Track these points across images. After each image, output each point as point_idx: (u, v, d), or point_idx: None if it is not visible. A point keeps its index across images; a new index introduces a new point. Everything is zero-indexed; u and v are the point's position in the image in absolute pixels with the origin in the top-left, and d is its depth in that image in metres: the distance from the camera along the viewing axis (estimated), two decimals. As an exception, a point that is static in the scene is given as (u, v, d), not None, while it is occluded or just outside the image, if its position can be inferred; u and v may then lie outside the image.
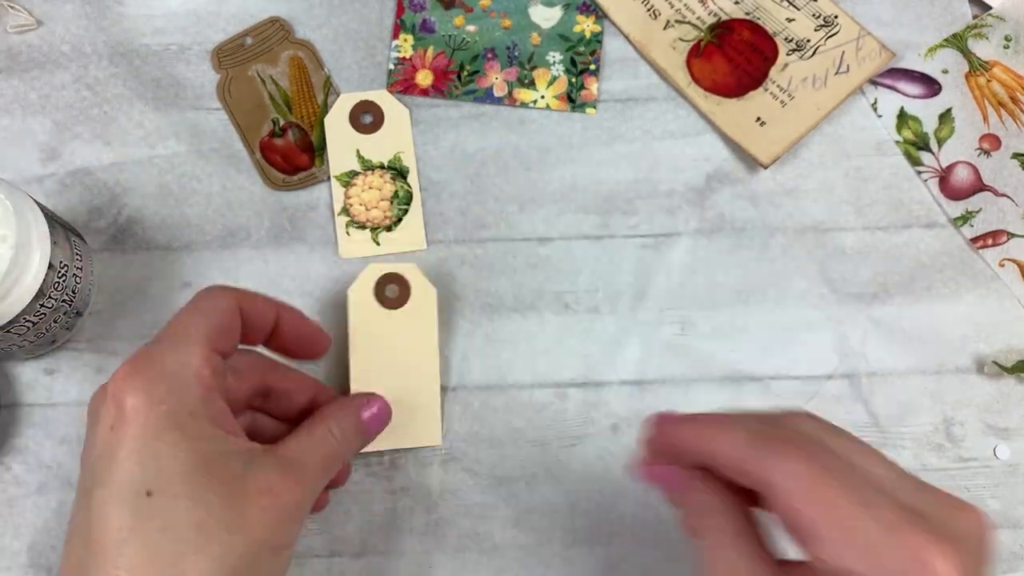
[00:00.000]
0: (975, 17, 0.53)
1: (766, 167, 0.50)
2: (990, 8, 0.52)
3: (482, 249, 0.49)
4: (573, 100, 0.51)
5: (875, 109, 0.49)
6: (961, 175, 0.50)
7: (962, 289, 0.49)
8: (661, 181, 0.50)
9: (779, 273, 0.49)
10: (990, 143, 0.50)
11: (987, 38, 0.50)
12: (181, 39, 0.51)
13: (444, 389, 0.47)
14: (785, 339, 0.48)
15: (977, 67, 0.51)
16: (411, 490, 0.46)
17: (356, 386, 0.44)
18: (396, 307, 0.45)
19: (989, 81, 0.51)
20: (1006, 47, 0.50)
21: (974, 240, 0.49)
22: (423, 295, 0.45)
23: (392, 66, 0.51)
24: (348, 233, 0.48)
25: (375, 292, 0.45)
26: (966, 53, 0.50)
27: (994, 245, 0.49)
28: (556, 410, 0.47)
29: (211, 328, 0.33)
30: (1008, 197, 0.49)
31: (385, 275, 0.45)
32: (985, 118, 0.50)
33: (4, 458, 0.45)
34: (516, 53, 0.51)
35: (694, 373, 0.48)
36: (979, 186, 0.50)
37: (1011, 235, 0.49)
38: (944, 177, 0.50)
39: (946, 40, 0.51)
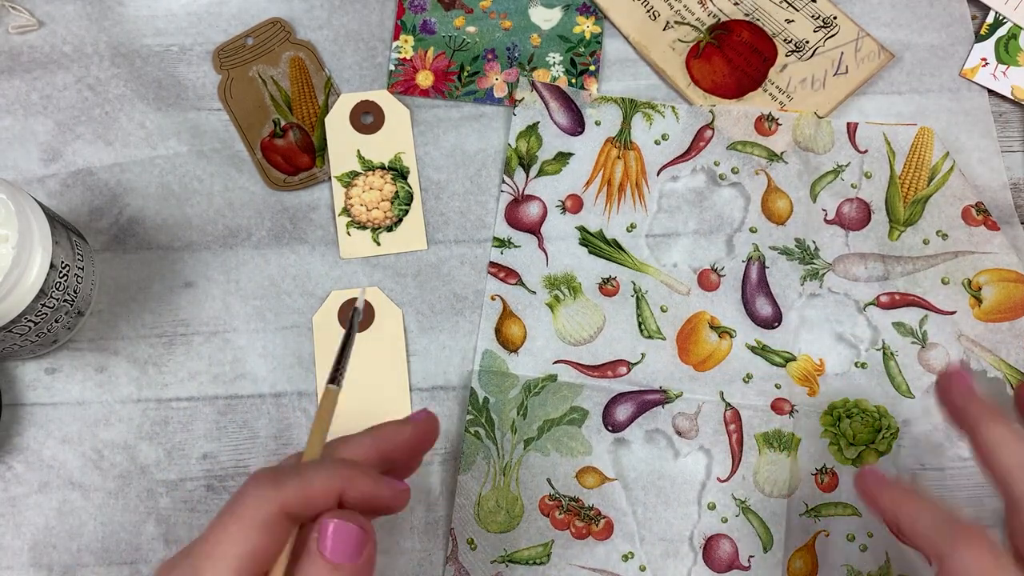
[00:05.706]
0: (974, 18, 0.53)
1: (765, 167, 0.50)
2: (988, 8, 0.52)
3: (482, 249, 0.49)
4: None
5: None
6: None
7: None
8: (661, 181, 0.50)
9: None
10: None
11: None
12: (182, 40, 0.51)
13: (445, 389, 0.47)
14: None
15: None
16: (411, 490, 0.46)
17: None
18: (361, 330, 0.47)
19: None
20: None
21: None
22: (388, 317, 0.47)
23: (393, 67, 0.51)
24: (349, 233, 0.49)
25: (339, 317, 0.47)
26: None
27: None
28: (556, 410, 0.47)
29: (241, 557, 0.29)
30: None
31: (348, 301, 0.47)
32: None
33: (6, 457, 0.46)
34: (516, 54, 0.51)
35: (693, 373, 0.48)
36: None
37: None
38: None
39: None
